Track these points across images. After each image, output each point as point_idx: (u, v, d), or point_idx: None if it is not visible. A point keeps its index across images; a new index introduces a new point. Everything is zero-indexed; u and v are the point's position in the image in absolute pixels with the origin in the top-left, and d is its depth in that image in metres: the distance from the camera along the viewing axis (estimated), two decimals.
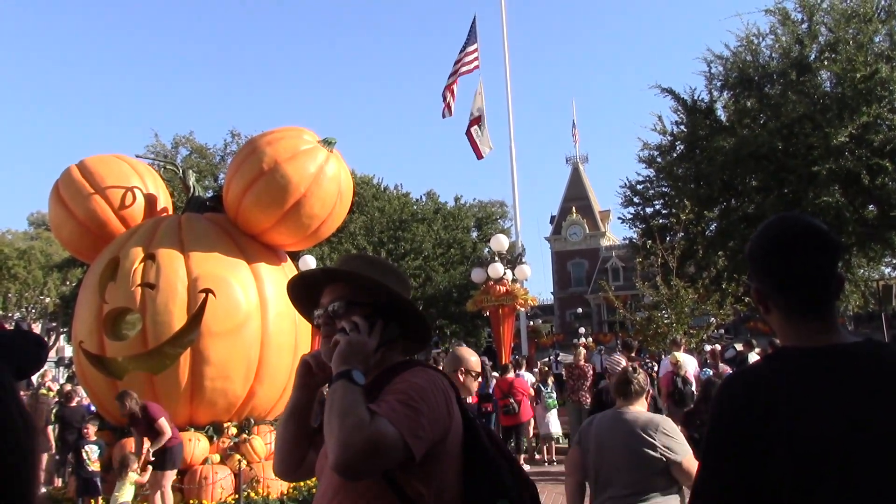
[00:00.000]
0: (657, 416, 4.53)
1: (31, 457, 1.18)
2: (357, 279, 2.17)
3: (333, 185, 9.64)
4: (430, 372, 2.09)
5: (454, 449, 2.01)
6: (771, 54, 28.14)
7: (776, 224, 1.79)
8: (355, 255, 2.31)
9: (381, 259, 2.31)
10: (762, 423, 1.59)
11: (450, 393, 2.06)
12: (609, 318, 57.09)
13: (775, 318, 1.78)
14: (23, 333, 1.73)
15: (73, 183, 9.91)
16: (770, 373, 1.68)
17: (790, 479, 1.55)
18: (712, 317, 19.46)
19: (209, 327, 8.92)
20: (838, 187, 24.42)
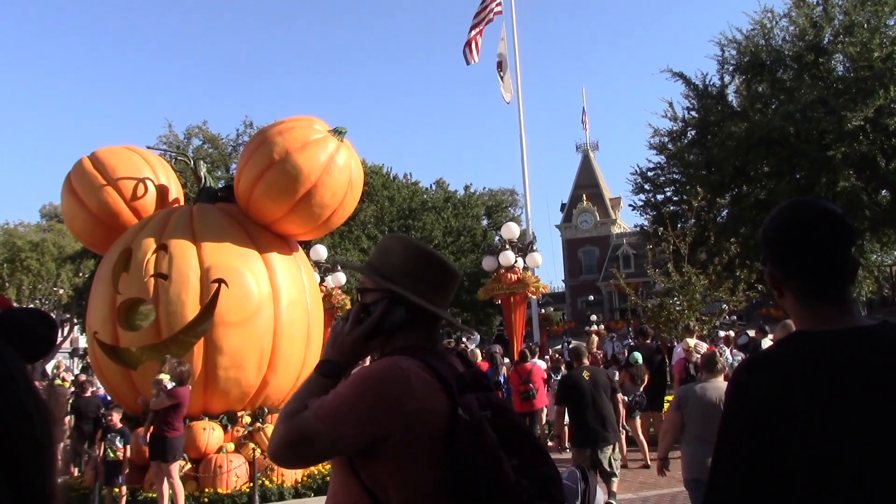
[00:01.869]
0: None
1: (48, 446, 1.17)
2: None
3: (344, 175, 9.64)
4: (393, 361, 1.94)
5: (424, 444, 1.85)
6: (785, 37, 27.93)
7: (791, 208, 1.78)
8: (392, 236, 2.19)
9: (407, 243, 2.14)
10: (778, 407, 1.58)
11: (411, 386, 1.87)
12: (621, 305, 57.00)
13: (790, 303, 1.76)
14: (31, 313, 1.73)
15: (85, 175, 9.95)
16: (785, 357, 1.67)
17: (806, 462, 1.54)
18: (724, 303, 19.38)
19: (222, 317, 8.96)
20: (852, 172, 24.24)
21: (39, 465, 1.13)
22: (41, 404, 1.16)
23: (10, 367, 1.17)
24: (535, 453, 1.98)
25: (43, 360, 15.79)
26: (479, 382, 2.02)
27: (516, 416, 1.99)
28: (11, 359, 1.19)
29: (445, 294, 2.13)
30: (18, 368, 1.19)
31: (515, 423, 2.01)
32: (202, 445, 9.09)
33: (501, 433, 1.91)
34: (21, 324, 1.60)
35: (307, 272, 10.57)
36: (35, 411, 1.14)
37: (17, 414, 1.11)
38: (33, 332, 1.60)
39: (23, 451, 1.10)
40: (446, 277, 2.11)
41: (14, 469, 1.09)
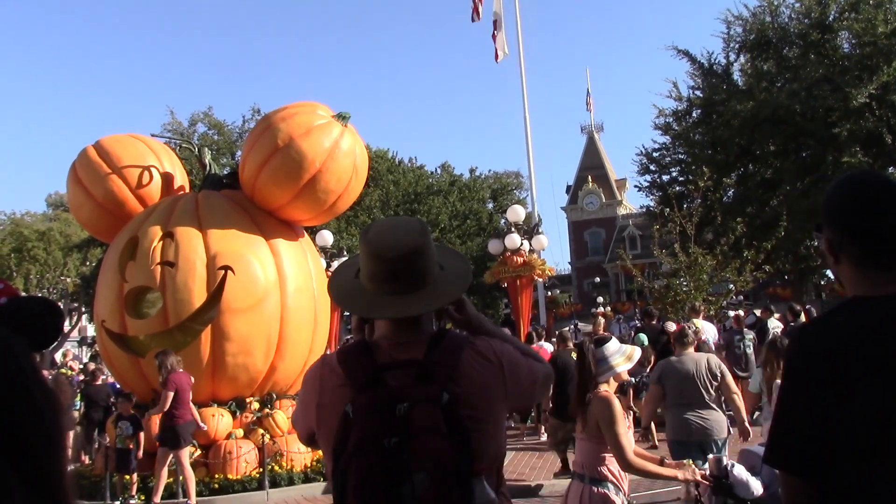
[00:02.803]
0: (709, 355, 7.45)
1: (56, 434, 1.17)
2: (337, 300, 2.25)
3: (348, 160, 9.63)
4: (323, 358, 2.09)
5: (329, 439, 1.91)
6: (791, 14, 27.77)
7: (857, 177, 1.87)
8: (412, 225, 2.17)
9: (407, 232, 2.12)
10: (838, 369, 1.64)
11: (317, 384, 1.99)
12: (627, 286, 56.98)
13: (846, 269, 1.84)
14: (37, 302, 1.72)
15: (90, 163, 9.96)
16: (845, 320, 1.74)
17: (865, 423, 1.60)
18: (731, 283, 19.36)
19: (229, 304, 8.98)
20: (858, 149, 24.16)
21: (49, 453, 1.14)
22: (49, 393, 1.16)
23: (17, 357, 1.17)
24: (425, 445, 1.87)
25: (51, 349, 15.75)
26: (408, 372, 1.94)
27: (435, 411, 1.86)
28: (18, 348, 1.19)
29: (389, 277, 2.04)
30: (26, 358, 1.19)
31: (430, 416, 1.88)
32: (212, 432, 9.14)
33: (413, 425, 1.84)
34: (27, 313, 1.60)
35: (313, 258, 10.58)
36: (43, 400, 1.15)
37: (26, 403, 1.12)
38: (40, 320, 1.59)
39: (32, 440, 1.11)
40: (378, 263, 2.03)
41: (24, 457, 1.09)
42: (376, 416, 1.85)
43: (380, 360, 1.96)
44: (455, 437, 1.86)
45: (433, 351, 1.98)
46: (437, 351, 1.98)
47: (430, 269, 2.07)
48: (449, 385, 1.91)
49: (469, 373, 1.97)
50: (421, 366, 1.94)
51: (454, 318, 2.21)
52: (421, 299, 2.04)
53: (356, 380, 1.92)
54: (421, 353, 1.97)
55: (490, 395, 2.00)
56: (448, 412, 1.87)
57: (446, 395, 1.88)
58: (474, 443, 1.89)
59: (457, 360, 1.97)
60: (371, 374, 1.93)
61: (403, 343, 2.01)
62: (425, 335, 2.05)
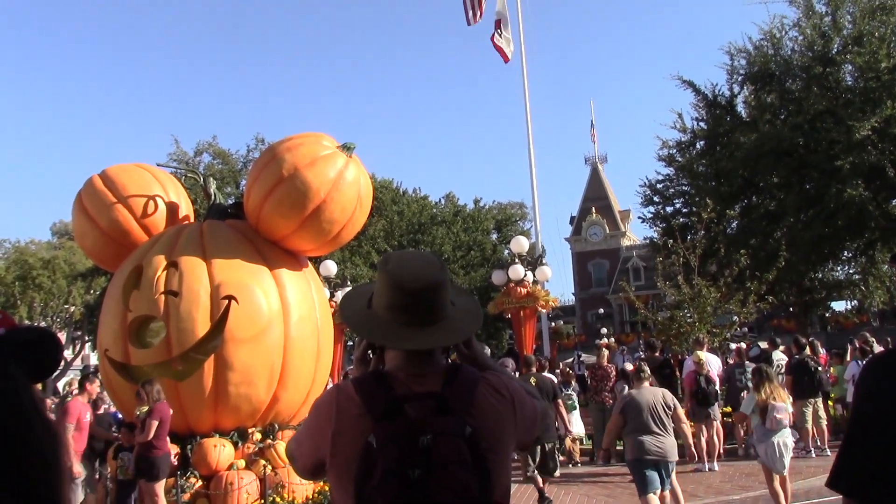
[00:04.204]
0: (664, 390, 8.73)
1: (56, 463, 1.18)
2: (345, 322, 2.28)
3: (353, 190, 9.67)
4: (336, 387, 2.11)
5: (344, 468, 1.93)
6: (794, 47, 27.95)
7: None
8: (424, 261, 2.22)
9: (379, 269, 2.18)
10: None
11: (334, 413, 1.99)
12: (631, 318, 56.85)
13: None
14: (36, 332, 1.73)
15: (96, 193, 10.01)
16: None
17: None
18: (735, 315, 19.33)
19: (232, 333, 8.98)
20: (861, 182, 24.20)
21: (48, 482, 1.14)
22: (48, 423, 1.17)
23: (16, 388, 1.18)
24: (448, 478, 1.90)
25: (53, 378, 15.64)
26: (427, 404, 1.97)
27: (460, 443, 1.90)
28: (18, 379, 1.20)
29: (410, 309, 2.08)
30: (25, 389, 1.20)
31: (456, 449, 1.91)
32: (213, 462, 9.08)
33: (438, 457, 1.87)
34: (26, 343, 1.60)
35: (317, 288, 10.59)
36: (42, 430, 1.16)
37: (25, 434, 1.13)
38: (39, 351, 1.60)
39: (31, 470, 1.12)
40: (400, 295, 2.08)
41: (24, 487, 1.10)
42: (399, 448, 1.88)
43: (398, 392, 1.98)
44: (478, 470, 1.89)
45: (450, 384, 2.01)
46: (455, 384, 2.02)
47: (447, 303, 2.12)
48: (467, 418, 1.94)
49: (484, 407, 2.00)
50: (440, 398, 1.97)
51: (461, 353, 2.25)
52: (439, 332, 2.09)
53: (375, 410, 1.94)
54: (437, 386, 2.00)
55: (504, 429, 2.04)
56: (470, 445, 1.90)
57: (468, 428, 1.91)
58: (493, 475, 1.93)
59: (473, 394, 2.01)
60: (390, 405, 1.95)
61: (419, 375, 2.04)
62: (439, 368, 2.08)
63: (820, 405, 13.50)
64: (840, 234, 26.11)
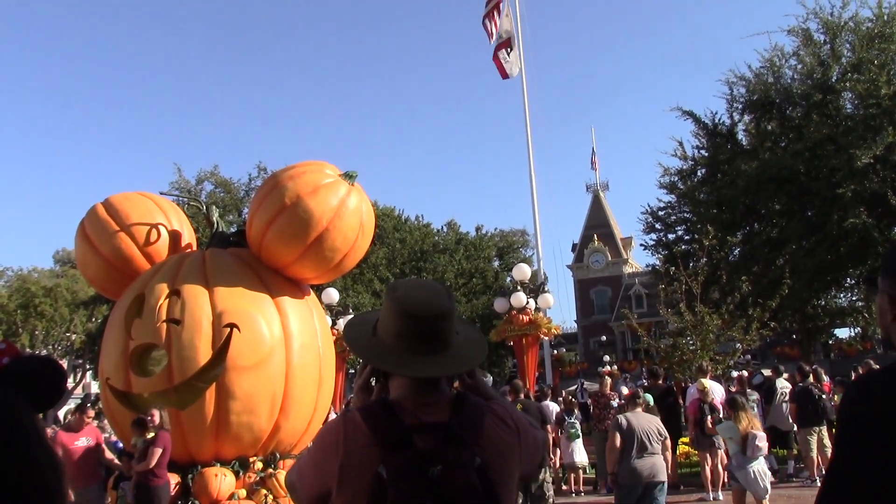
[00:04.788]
0: (656, 418, 9.39)
1: (57, 492, 1.17)
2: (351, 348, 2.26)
3: (355, 219, 9.69)
4: (343, 416, 2.06)
5: (354, 497, 1.92)
6: (793, 76, 28.07)
7: None
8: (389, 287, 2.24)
9: (386, 296, 2.18)
10: (891, 427, 1.61)
11: (341, 442, 1.97)
12: (633, 345, 56.71)
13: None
14: (40, 361, 1.73)
15: (98, 221, 10.03)
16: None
17: None
18: (738, 342, 19.27)
19: (234, 362, 8.95)
20: (863, 209, 24.22)
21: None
22: (50, 453, 1.17)
23: (19, 418, 1.18)
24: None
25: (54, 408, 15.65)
26: (436, 435, 1.97)
27: (471, 474, 1.91)
28: (21, 409, 1.20)
29: (418, 337, 2.08)
30: (28, 419, 1.19)
31: (467, 480, 1.92)
32: (214, 492, 9.02)
33: (449, 488, 1.87)
34: (30, 373, 1.60)
35: (319, 315, 10.58)
36: (45, 461, 1.15)
37: (27, 464, 1.12)
38: (43, 381, 1.60)
39: (35, 499, 1.11)
40: (409, 322, 2.07)
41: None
42: (410, 479, 1.87)
43: (406, 421, 1.97)
44: (488, 501, 1.89)
45: (458, 414, 2.00)
46: (463, 414, 2.01)
47: (454, 332, 2.12)
48: (476, 449, 1.93)
49: (492, 437, 2.00)
50: (449, 429, 1.96)
51: (464, 382, 2.24)
52: (447, 361, 2.09)
53: (384, 440, 1.93)
54: (446, 416, 2.00)
55: (510, 460, 2.04)
56: (480, 476, 1.90)
57: (478, 459, 1.91)
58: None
59: (481, 425, 2.01)
60: (399, 435, 1.94)
61: (427, 404, 2.03)
62: (446, 397, 2.08)
63: (825, 433, 13.43)
64: (843, 261, 26.09)
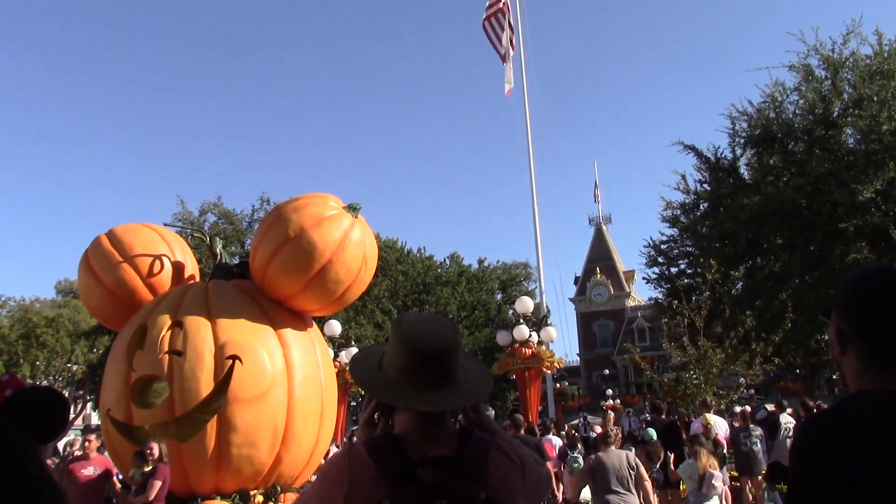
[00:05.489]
0: (628, 452, 9.71)
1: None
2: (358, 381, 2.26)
3: (358, 251, 9.71)
4: (346, 450, 2.07)
5: None
6: (795, 111, 28.21)
7: (875, 272, 1.88)
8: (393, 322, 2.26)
9: (393, 329, 2.19)
10: (842, 465, 1.62)
11: (345, 477, 1.97)
12: (637, 379, 56.49)
13: (851, 362, 1.84)
14: (43, 393, 1.72)
15: (102, 252, 10.05)
16: (849, 415, 1.72)
17: None
18: (741, 377, 19.18)
19: (235, 394, 8.92)
20: (865, 244, 24.23)
21: None
22: (54, 486, 1.17)
23: (22, 452, 1.18)
24: None
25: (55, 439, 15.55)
26: (442, 469, 1.97)
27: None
28: (23, 444, 1.20)
29: (424, 371, 2.09)
30: (30, 453, 1.20)
31: None
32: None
33: None
34: (34, 406, 1.60)
35: (321, 347, 10.55)
36: (47, 495, 1.15)
37: (31, 496, 1.12)
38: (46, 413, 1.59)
39: None
40: (415, 356, 2.08)
41: None
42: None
43: (412, 455, 1.97)
44: None
45: (464, 448, 2.00)
46: (468, 449, 2.01)
47: (458, 366, 2.13)
48: (481, 484, 1.93)
49: (497, 472, 2.01)
50: (455, 463, 1.95)
51: (468, 417, 2.24)
52: (453, 395, 2.09)
53: (390, 474, 1.93)
54: (451, 450, 2.00)
55: (515, 495, 2.04)
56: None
57: (483, 494, 1.91)
58: None
59: (486, 459, 2.01)
60: (405, 469, 1.94)
61: (432, 438, 2.04)
62: (451, 431, 2.08)
63: None
64: None
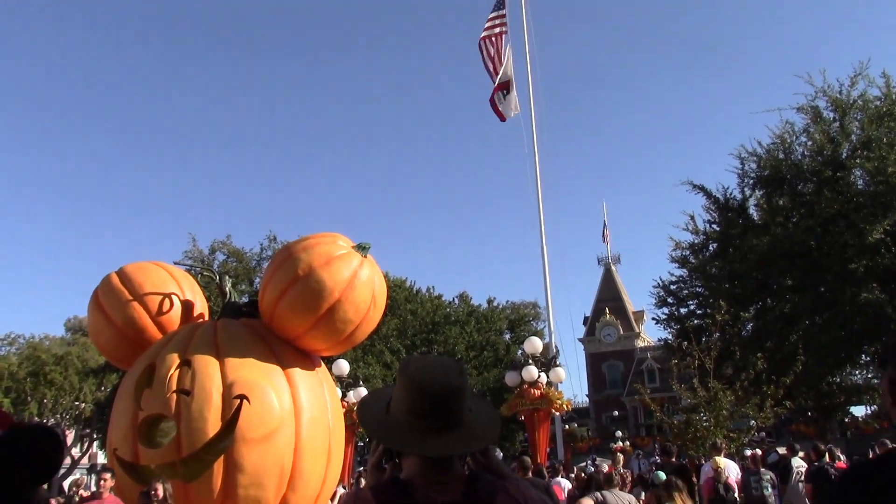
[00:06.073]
0: (630, 496, 10.29)
1: None
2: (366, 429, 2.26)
3: (367, 290, 9.70)
4: (352, 496, 2.10)
5: None
6: (804, 152, 28.30)
7: None
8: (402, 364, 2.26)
9: (400, 373, 2.20)
10: None
11: None
12: (646, 421, 56.00)
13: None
14: (35, 432, 1.72)
15: (112, 290, 10.08)
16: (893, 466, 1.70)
17: None
18: (752, 420, 19.01)
19: (243, 434, 8.87)
20: (876, 285, 24.13)
21: None
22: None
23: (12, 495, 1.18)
24: None
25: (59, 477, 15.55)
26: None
27: None
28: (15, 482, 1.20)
29: (431, 414, 2.09)
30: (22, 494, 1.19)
31: None
32: None
33: None
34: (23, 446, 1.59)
35: (329, 387, 10.51)
36: None
37: None
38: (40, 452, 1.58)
39: None
40: (422, 399, 2.08)
41: None
42: None
43: (419, 500, 1.97)
44: None
45: (471, 493, 2.00)
46: (475, 493, 2.01)
47: (466, 409, 2.12)
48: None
49: None
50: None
51: (476, 460, 2.24)
52: (460, 439, 2.08)
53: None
54: (458, 495, 1.99)
55: None
56: None
57: None
58: None
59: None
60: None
61: (439, 483, 2.03)
62: (459, 475, 2.07)
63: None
64: (857, 337, 25.88)
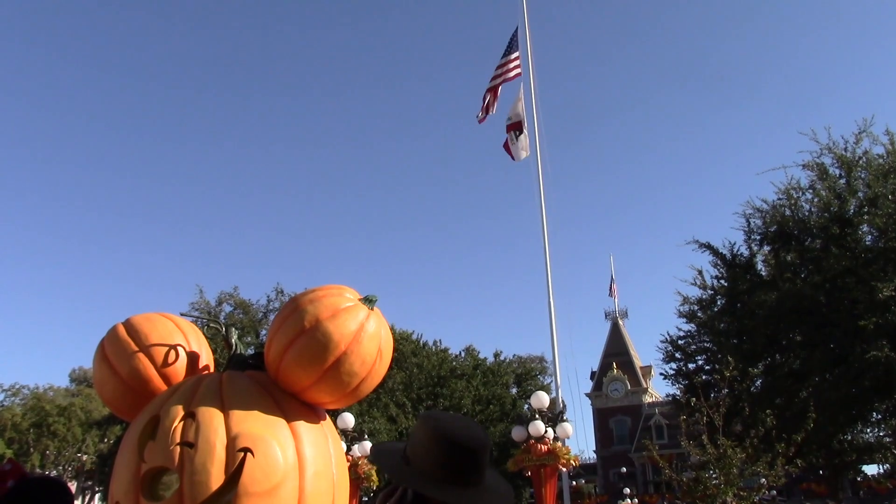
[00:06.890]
0: None
1: None
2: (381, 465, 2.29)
3: (373, 343, 9.65)
4: None
5: None
6: (810, 209, 28.37)
7: None
8: (422, 418, 2.29)
9: (426, 426, 2.22)
10: None
11: None
12: (655, 478, 55.35)
13: None
14: (44, 484, 1.72)
15: (118, 341, 10.04)
16: None
17: None
18: (763, 477, 18.78)
19: (246, 487, 8.75)
20: (886, 342, 23.97)
21: None
22: None
23: None
24: None
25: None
26: None
27: None
28: None
29: (468, 468, 2.12)
30: None
31: None
32: None
33: None
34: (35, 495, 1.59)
35: (334, 441, 10.41)
36: None
37: None
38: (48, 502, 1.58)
39: None
40: (458, 453, 2.12)
41: None
42: None
43: None
44: None
45: None
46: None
47: (487, 466, 2.20)
48: None
49: None
50: None
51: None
52: (486, 493, 2.14)
53: None
54: None
55: None
56: None
57: None
58: None
59: None
60: None
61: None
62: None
63: None
64: (867, 394, 25.64)
